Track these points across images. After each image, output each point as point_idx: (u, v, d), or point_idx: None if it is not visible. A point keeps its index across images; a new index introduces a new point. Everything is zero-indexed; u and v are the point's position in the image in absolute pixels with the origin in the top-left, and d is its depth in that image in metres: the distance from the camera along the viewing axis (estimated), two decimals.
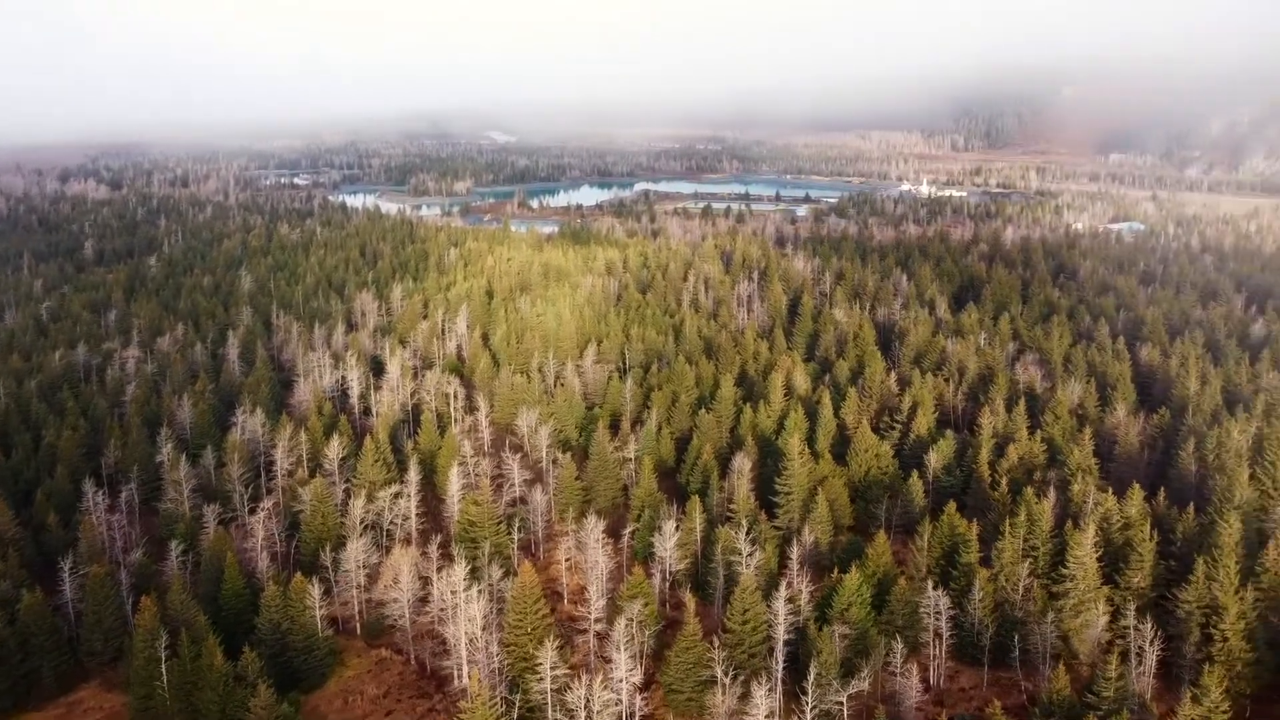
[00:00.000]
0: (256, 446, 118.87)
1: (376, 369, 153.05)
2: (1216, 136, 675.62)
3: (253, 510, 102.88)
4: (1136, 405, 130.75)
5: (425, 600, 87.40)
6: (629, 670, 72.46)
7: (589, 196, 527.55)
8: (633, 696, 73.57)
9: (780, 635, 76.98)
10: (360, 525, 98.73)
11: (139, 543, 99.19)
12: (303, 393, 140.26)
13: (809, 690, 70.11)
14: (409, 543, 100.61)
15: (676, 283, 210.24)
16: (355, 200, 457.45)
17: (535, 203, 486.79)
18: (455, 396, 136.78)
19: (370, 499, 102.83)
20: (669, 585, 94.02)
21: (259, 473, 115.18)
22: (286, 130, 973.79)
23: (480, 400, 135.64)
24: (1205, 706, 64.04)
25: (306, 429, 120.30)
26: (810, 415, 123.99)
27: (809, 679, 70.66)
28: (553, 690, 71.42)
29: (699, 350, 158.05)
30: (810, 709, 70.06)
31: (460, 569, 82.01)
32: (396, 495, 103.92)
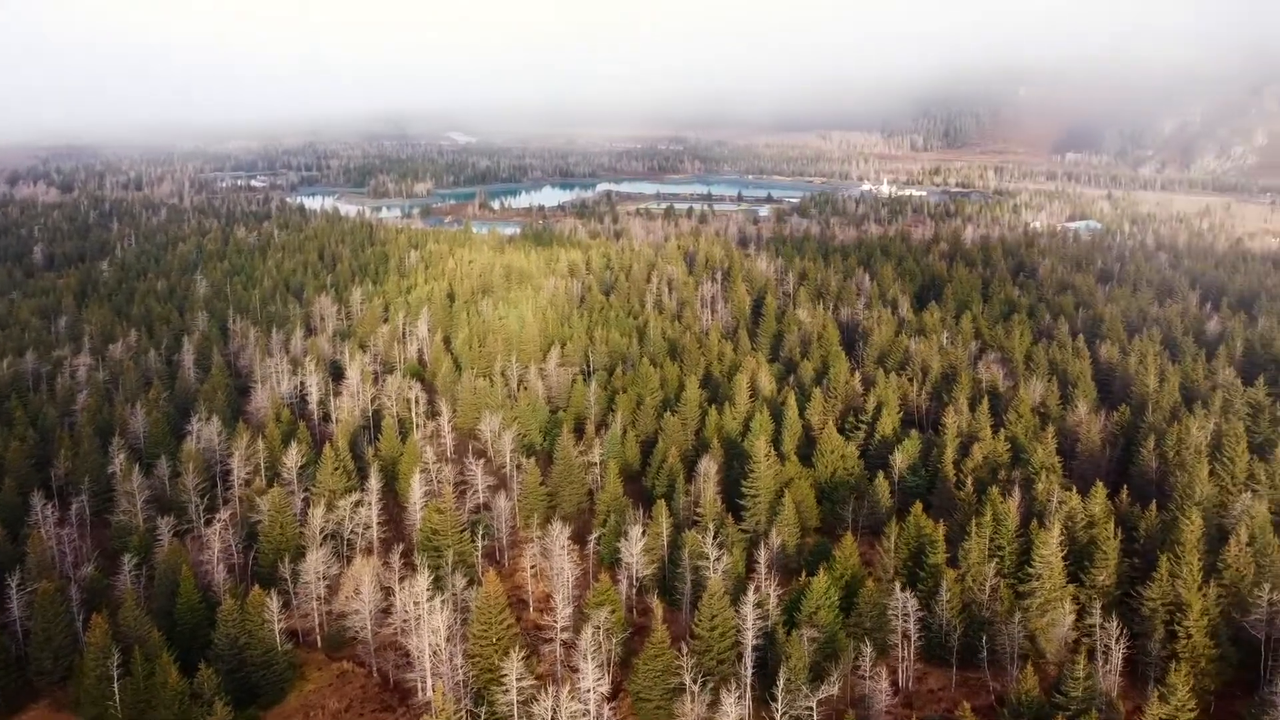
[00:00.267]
0: (212, 455, 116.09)
1: (336, 374, 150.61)
2: (1168, 136, 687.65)
3: (209, 521, 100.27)
4: (1097, 403, 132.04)
5: (388, 611, 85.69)
6: (596, 680, 71.33)
7: (551, 197, 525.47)
8: (600, 706, 72.46)
9: (749, 641, 76.23)
10: (320, 535, 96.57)
11: (90, 557, 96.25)
12: (260, 399, 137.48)
13: (779, 696, 69.47)
14: (370, 552, 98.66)
15: (640, 284, 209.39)
16: (314, 202, 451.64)
17: (497, 204, 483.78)
18: (417, 401, 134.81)
19: (330, 508, 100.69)
20: (636, 591, 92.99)
21: (215, 483, 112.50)
22: (243, 131, 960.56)
23: (442, 405, 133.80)
24: (1172, 705, 64.21)
25: (264, 437, 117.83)
26: (776, 417, 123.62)
27: (778, 685, 70.02)
28: (519, 702, 70.13)
29: (663, 352, 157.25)
30: (780, 715, 69.42)
31: (423, 579, 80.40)
32: (357, 504, 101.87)
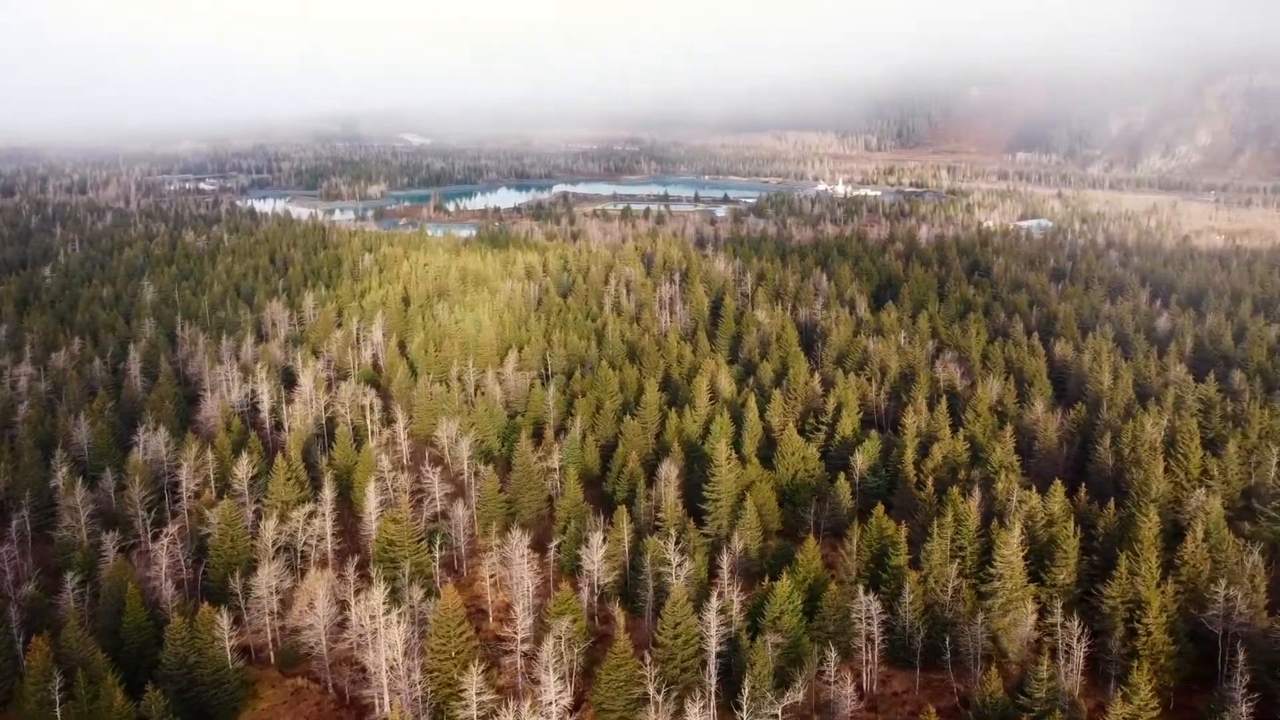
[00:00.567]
0: (160, 467, 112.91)
1: (288, 381, 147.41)
2: (1115, 136, 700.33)
3: (156, 536, 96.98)
4: (1053, 401, 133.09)
5: (343, 625, 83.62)
6: (558, 692, 70.09)
7: (507, 199, 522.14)
8: (563, 719, 71.15)
9: (712, 648, 75.41)
10: (272, 548, 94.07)
11: (31, 575, 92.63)
12: (210, 408, 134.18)
13: (743, 705, 68.66)
14: (325, 565, 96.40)
15: (598, 286, 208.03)
16: (265, 205, 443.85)
17: (452, 206, 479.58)
18: (372, 408, 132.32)
19: (283, 520, 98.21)
20: (597, 599, 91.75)
21: (163, 495, 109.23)
22: (191, 133, 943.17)
23: (398, 411, 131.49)
24: (1135, 705, 64.31)
25: (214, 447, 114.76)
26: (736, 419, 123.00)
27: (743, 693, 69.22)
28: (479, 717, 68.58)
29: (622, 355, 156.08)
30: None
31: (379, 591, 78.54)
32: (311, 515, 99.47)
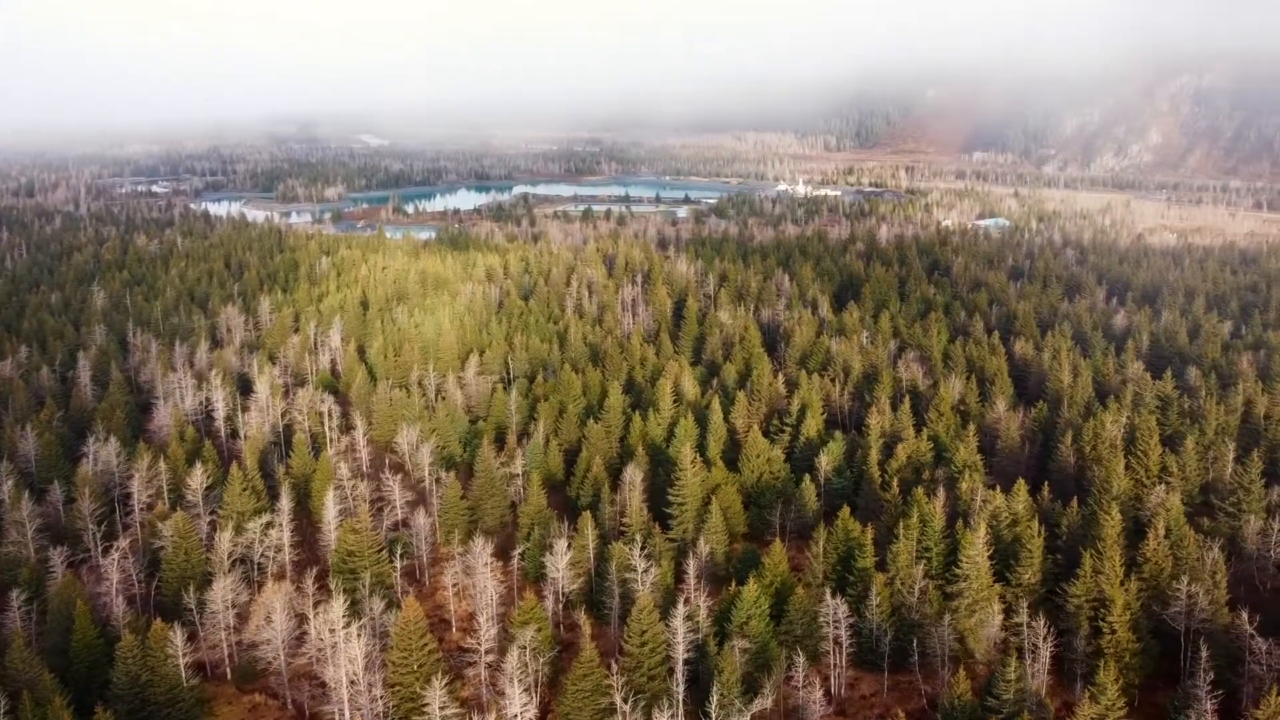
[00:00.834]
0: (111, 479, 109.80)
1: (244, 388, 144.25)
2: (1069, 135, 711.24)
3: (107, 550, 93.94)
4: (1014, 399, 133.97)
5: (302, 639, 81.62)
6: (524, 704, 68.79)
7: (466, 200, 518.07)
8: None
9: (680, 655, 74.45)
10: (228, 560, 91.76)
11: None
12: (163, 417, 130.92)
13: (712, 713, 67.82)
14: (283, 577, 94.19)
15: (559, 288, 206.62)
16: (219, 208, 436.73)
17: (411, 208, 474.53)
18: (330, 415, 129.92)
19: (239, 531, 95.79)
20: (563, 606, 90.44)
21: (114, 508, 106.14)
22: (143, 135, 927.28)
23: (357, 418, 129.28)
24: (1103, 705, 64.34)
25: (166, 457, 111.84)
26: (700, 421, 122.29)
27: (711, 700, 68.39)
28: None
29: (585, 358, 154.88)
30: None
31: (338, 604, 76.59)
32: (268, 525, 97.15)
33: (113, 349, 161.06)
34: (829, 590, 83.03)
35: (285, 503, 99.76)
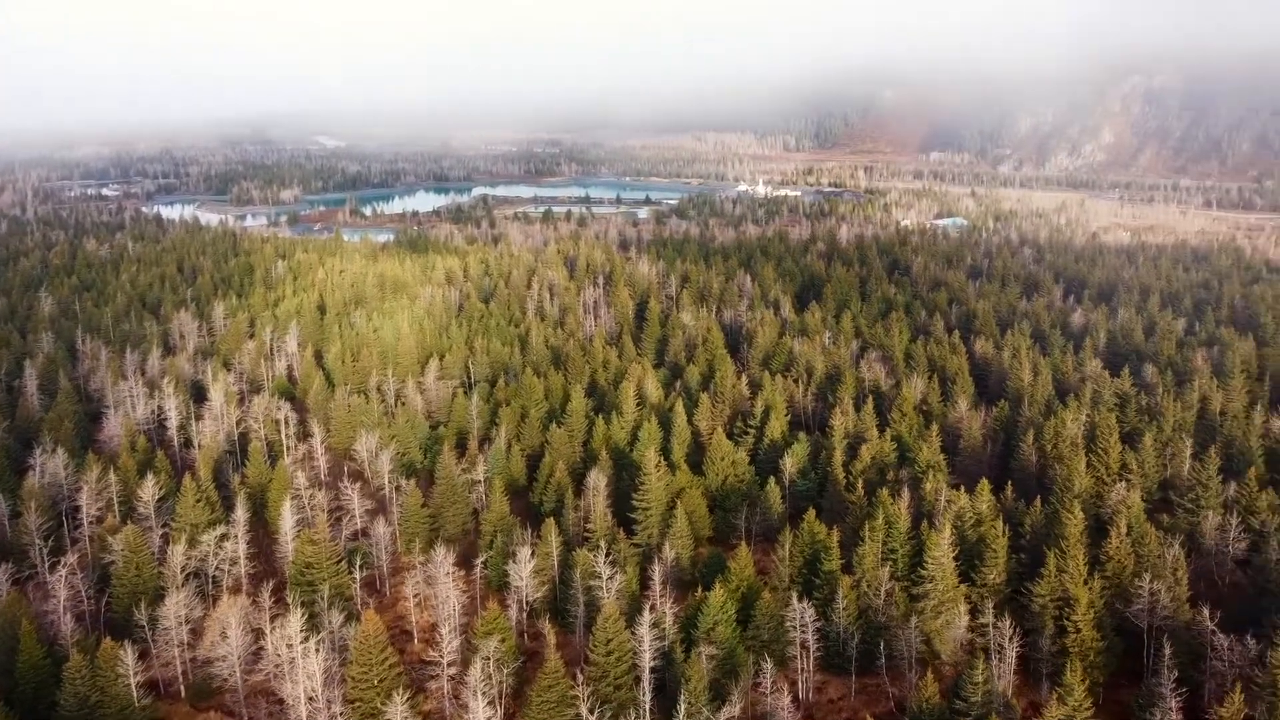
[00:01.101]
0: (58, 491, 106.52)
1: (198, 396, 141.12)
2: (1024, 135, 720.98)
3: (54, 566, 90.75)
4: (976, 398, 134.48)
5: (258, 655, 79.47)
6: (488, 717, 67.37)
7: (425, 202, 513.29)
8: None
9: (646, 663, 73.42)
10: (181, 575, 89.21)
11: None
12: (113, 427, 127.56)
13: None
14: (238, 591, 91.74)
15: (520, 290, 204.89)
16: (172, 211, 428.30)
17: (368, 210, 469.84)
18: (287, 422, 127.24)
19: (192, 544, 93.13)
20: (527, 615, 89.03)
21: (61, 522, 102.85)
22: (93, 137, 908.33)
23: (314, 425, 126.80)
24: (1070, 705, 64.31)
25: (117, 468, 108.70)
26: (664, 424, 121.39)
27: (679, 709, 67.49)
28: None
29: (547, 361, 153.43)
30: None
31: (296, 618, 74.62)
32: (222, 538, 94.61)
33: (61, 357, 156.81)
34: (795, 594, 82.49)
35: (241, 514, 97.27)
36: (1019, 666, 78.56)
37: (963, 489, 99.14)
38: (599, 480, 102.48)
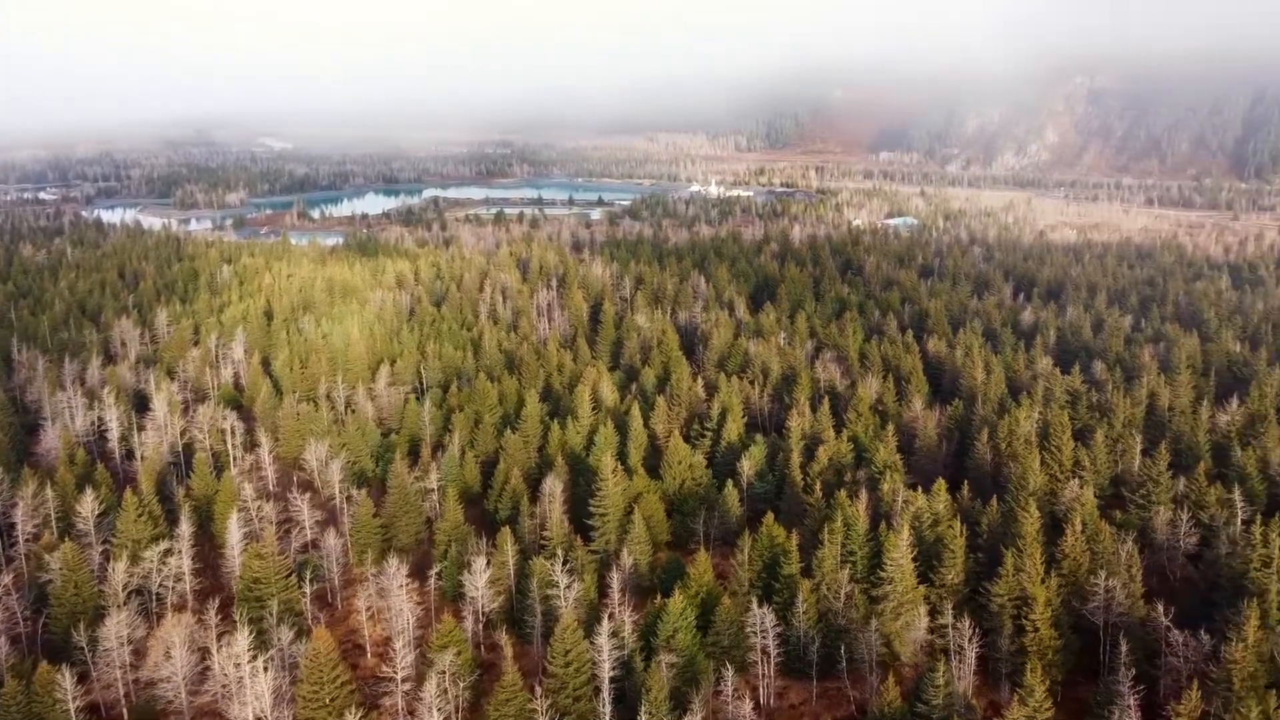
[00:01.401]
0: None
1: (140, 406, 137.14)
2: (971, 135, 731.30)
3: None
4: (930, 397, 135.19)
5: (204, 675, 76.99)
6: None
7: (375, 205, 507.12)
8: None
9: (605, 673, 72.29)
10: (123, 593, 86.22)
11: None
12: (50, 439, 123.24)
13: None
14: (183, 608, 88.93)
15: (473, 294, 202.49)
16: (113, 215, 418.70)
17: (316, 213, 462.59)
18: (233, 432, 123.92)
19: (134, 560, 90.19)
20: (483, 626, 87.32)
21: None
22: (29, 139, 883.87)
23: (262, 435, 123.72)
24: (1031, 707, 64.23)
25: (54, 482, 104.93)
26: (620, 428, 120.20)
27: (639, 719, 66.38)
28: None
29: (500, 365, 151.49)
30: None
31: (243, 635, 72.36)
32: (166, 553, 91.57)
33: None
34: (755, 598, 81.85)
35: (185, 528, 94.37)
36: (978, 667, 78.54)
37: (919, 489, 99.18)
38: (555, 486, 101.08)
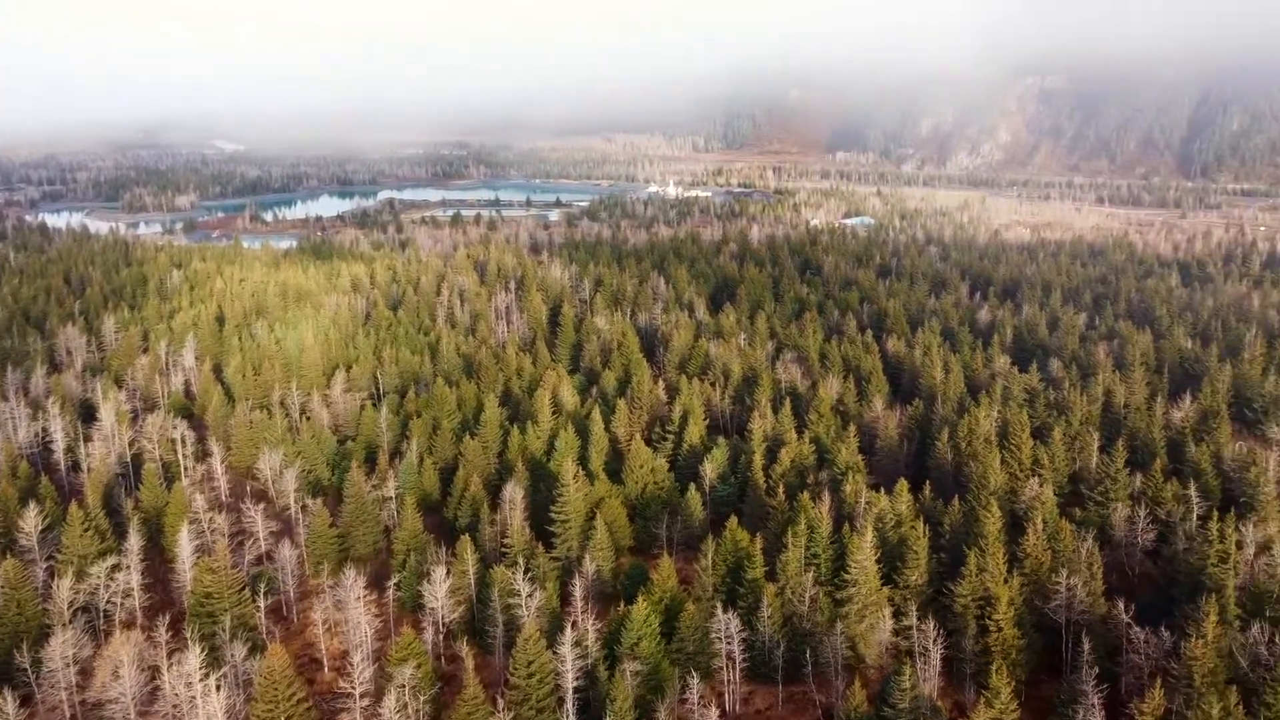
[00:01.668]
0: None
1: (87, 416, 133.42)
2: (925, 135, 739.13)
3: None
4: (890, 397, 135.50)
5: (155, 695, 74.54)
6: None
7: (329, 207, 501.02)
8: None
9: (569, 684, 71.17)
10: (69, 611, 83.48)
11: None
12: None
13: None
14: (133, 626, 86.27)
15: (430, 297, 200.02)
16: (58, 220, 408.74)
17: (270, 216, 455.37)
18: (184, 441, 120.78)
19: (81, 576, 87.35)
20: (443, 637, 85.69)
21: None
22: None
23: (214, 444, 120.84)
24: (997, 708, 64.08)
25: None
26: (581, 432, 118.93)
27: None
28: None
29: (458, 370, 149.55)
30: None
31: (194, 653, 70.15)
32: (114, 568, 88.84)
33: None
34: (719, 604, 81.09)
35: (134, 541, 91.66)
36: (943, 667, 78.42)
37: (881, 489, 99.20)
38: (515, 493, 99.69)
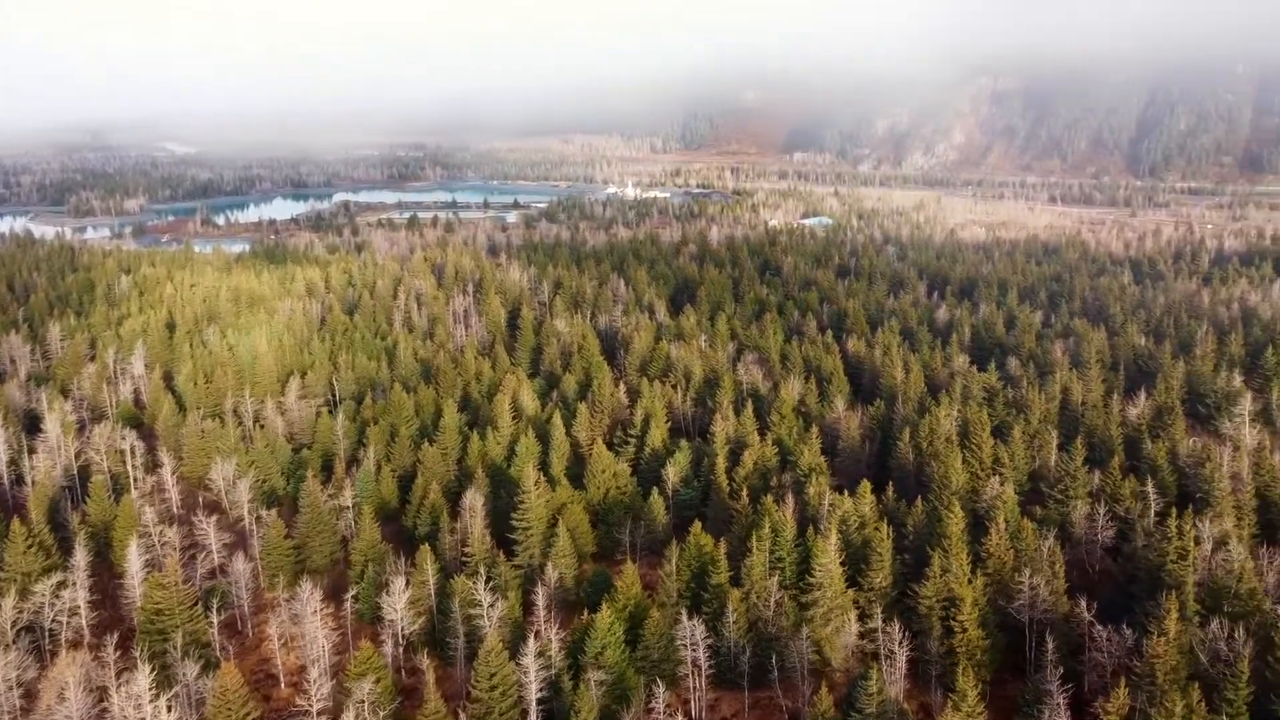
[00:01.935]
0: None
1: (31, 427, 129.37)
2: (881, 136, 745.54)
3: None
4: (852, 398, 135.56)
5: (103, 717, 72.01)
6: None
7: (283, 210, 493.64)
8: None
9: (533, 695, 69.94)
10: (12, 631, 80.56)
11: None
12: None
13: None
14: (79, 645, 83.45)
15: (386, 301, 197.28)
16: (1, 225, 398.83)
17: (221, 219, 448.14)
18: (133, 452, 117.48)
19: (24, 595, 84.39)
20: (403, 650, 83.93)
21: None
22: None
23: (164, 454, 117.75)
24: (964, 711, 63.84)
25: None
26: (542, 437, 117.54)
27: None
28: None
29: (416, 375, 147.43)
30: None
31: (144, 673, 67.87)
32: (60, 585, 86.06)
33: None
34: (684, 610, 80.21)
35: (81, 557, 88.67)
36: (909, 670, 78.22)
37: (844, 491, 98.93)
38: (476, 500, 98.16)
